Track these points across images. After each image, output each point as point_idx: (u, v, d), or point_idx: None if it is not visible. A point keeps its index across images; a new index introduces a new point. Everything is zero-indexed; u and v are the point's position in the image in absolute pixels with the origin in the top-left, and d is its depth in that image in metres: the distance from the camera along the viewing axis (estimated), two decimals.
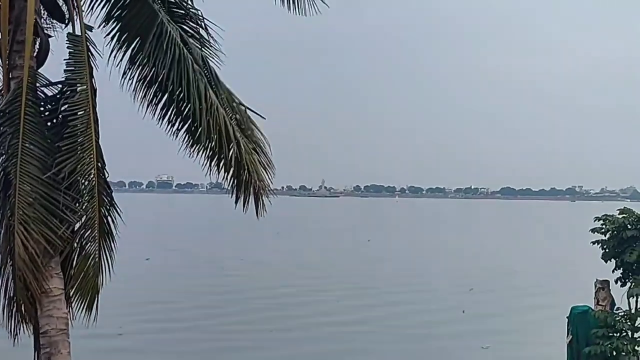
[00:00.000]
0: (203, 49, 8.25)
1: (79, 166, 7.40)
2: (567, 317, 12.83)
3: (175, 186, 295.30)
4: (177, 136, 8.08)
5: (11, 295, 7.44)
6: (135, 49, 7.85)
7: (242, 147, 7.87)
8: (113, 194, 8.00)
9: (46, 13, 8.02)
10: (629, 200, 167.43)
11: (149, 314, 26.21)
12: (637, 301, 12.27)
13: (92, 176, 7.52)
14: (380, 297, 31.24)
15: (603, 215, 12.54)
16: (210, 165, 8.08)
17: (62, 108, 7.62)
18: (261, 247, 53.65)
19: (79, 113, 7.52)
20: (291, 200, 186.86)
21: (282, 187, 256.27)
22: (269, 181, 8.31)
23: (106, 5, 7.88)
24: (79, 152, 7.41)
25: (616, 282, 12.68)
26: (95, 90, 7.76)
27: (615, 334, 12.15)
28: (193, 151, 8.06)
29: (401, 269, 42.55)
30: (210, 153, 8.00)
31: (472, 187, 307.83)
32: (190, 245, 55.39)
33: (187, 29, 8.27)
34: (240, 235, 58.66)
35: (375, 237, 64.44)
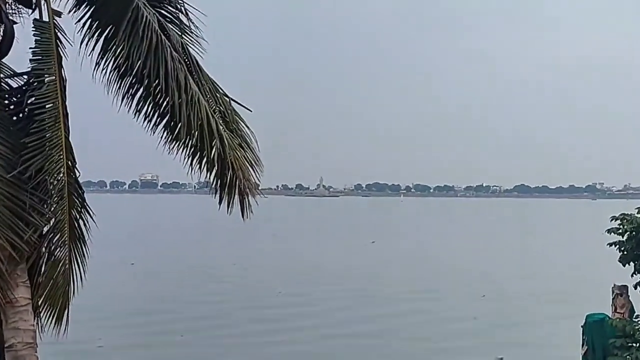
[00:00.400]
0: (183, 35, 8.15)
1: (47, 164, 7.31)
2: (581, 326, 12.73)
3: (160, 186, 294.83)
4: (155, 132, 7.98)
5: None
6: (109, 36, 7.77)
7: (226, 142, 7.75)
8: (93, 194, 7.92)
9: None
10: None
11: (133, 325, 26.07)
12: None
13: (61, 175, 7.44)
14: (387, 306, 31.17)
15: (620, 215, 12.42)
16: (192, 163, 7.97)
17: (29, 101, 7.54)
18: (255, 251, 53.62)
19: (46, 106, 7.45)
20: (287, 200, 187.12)
21: (277, 187, 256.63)
22: (257, 180, 8.20)
23: None
24: (47, 149, 7.33)
25: (635, 288, 12.55)
26: (64, 82, 7.68)
27: (634, 344, 12.04)
28: (173, 148, 7.96)
29: (408, 273, 42.57)
30: (192, 150, 7.90)
31: (484, 185, 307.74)
32: (178, 248, 55.34)
33: (166, 14, 8.16)
34: (233, 238, 58.57)
35: (379, 240, 64.39)
